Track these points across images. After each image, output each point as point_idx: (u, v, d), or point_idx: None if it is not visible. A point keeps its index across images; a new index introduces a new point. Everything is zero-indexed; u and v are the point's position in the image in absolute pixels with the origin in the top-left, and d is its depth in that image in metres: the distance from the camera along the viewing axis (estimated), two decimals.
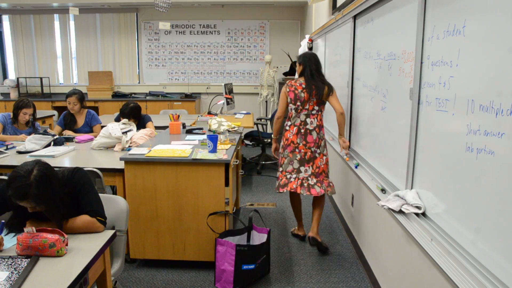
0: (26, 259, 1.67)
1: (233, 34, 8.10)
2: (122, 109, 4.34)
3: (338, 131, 3.48)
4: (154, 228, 3.14)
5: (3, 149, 3.60)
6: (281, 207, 4.65)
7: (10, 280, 1.51)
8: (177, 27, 8.12)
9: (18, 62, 8.60)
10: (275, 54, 7.91)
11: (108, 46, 8.35)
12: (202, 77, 8.27)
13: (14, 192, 1.77)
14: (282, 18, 8.01)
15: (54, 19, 8.40)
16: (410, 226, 2.01)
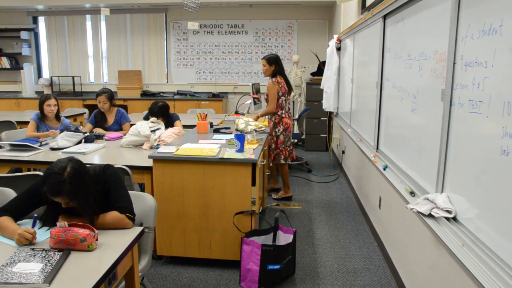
0: (58, 252, 1.72)
1: (260, 34, 8.10)
2: (151, 108, 4.40)
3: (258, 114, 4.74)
4: (181, 225, 3.18)
5: (37, 146, 3.70)
6: (307, 208, 4.62)
7: (44, 272, 1.56)
8: (205, 27, 8.19)
9: (52, 62, 8.85)
10: (303, 54, 7.87)
11: (138, 46, 8.49)
12: (229, 77, 8.31)
13: (49, 188, 1.83)
14: (310, 18, 7.96)
15: (86, 19, 8.60)
16: (440, 231, 1.96)
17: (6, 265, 1.59)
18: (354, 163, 5.12)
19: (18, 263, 1.61)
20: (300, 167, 6.36)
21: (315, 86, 7.08)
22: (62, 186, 1.83)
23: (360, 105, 4.43)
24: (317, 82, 7.02)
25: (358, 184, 4.82)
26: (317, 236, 3.89)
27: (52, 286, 1.50)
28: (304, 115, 6.36)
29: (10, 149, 3.67)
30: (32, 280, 1.50)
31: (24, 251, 1.72)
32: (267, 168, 4.56)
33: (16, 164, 3.51)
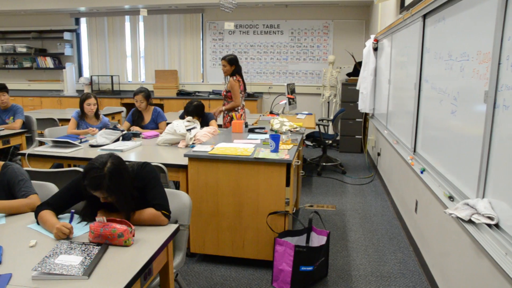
0: (97, 246, 1.77)
1: (296, 34, 8.07)
2: (186, 107, 4.46)
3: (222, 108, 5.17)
4: (214, 224, 3.21)
5: (78, 143, 3.82)
6: (341, 210, 4.57)
7: (84, 265, 1.61)
8: (241, 27, 8.23)
9: (92, 61, 9.13)
10: (339, 54, 7.79)
11: (174, 46, 8.63)
12: (264, 77, 8.32)
13: (89, 182, 1.89)
14: (347, 18, 7.87)
15: (125, 20, 8.82)
16: (481, 238, 1.89)
17: (49, 256, 1.65)
18: (390, 165, 5.02)
19: (60, 255, 1.67)
20: (334, 168, 6.30)
21: (351, 87, 6.99)
22: (101, 181, 1.88)
23: (397, 106, 4.34)
24: (353, 83, 6.93)
25: (394, 187, 4.73)
26: (351, 238, 3.84)
27: (91, 278, 1.55)
28: (339, 116, 6.29)
29: (52, 145, 3.81)
30: (72, 272, 1.55)
31: (65, 243, 1.78)
32: (301, 169, 4.53)
33: (57, 160, 3.64)
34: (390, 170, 5.06)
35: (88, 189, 1.91)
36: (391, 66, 4.74)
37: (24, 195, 2.25)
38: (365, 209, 4.63)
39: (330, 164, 6.33)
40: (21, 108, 5.15)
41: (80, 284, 1.51)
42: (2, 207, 2.14)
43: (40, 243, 1.83)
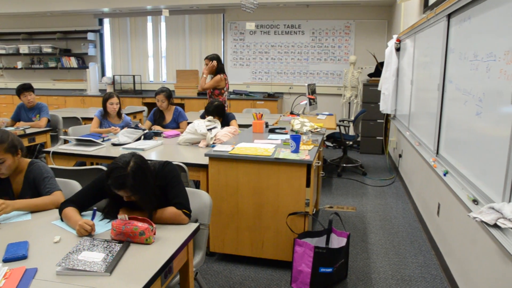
0: (119, 243, 1.79)
1: (317, 34, 8.03)
2: (207, 107, 4.49)
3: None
4: (234, 224, 3.22)
5: (100, 141, 3.88)
6: (361, 212, 4.53)
7: (106, 262, 1.63)
8: (262, 27, 8.23)
9: (115, 61, 9.26)
10: (360, 54, 7.72)
11: (195, 46, 8.68)
12: (285, 77, 8.30)
13: (113, 181, 1.92)
14: (369, 18, 7.79)
15: (147, 20, 8.92)
16: (508, 243, 1.85)
17: (72, 252, 1.68)
18: (412, 167, 4.95)
19: (82, 252, 1.69)
20: (355, 169, 6.25)
21: (372, 88, 6.92)
22: (125, 180, 1.91)
23: (420, 107, 4.28)
24: (374, 83, 6.86)
25: (416, 189, 4.66)
26: (371, 240, 3.80)
27: (113, 275, 1.57)
28: (360, 117, 6.24)
29: (75, 143, 3.88)
30: (95, 269, 1.58)
31: (88, 240, 1.80)
32: (321, 170, 4.51)
33: (80, 158, 3.70)
34: (411, 172, 4.99)
35: (112, 188, 1.94)
36: (414, 66, 4.67)
37: (48, 191, 2.30)
38: (386, 211, 4.58)
39: (350, 165, 6.28)
40: (46, 106, 5.26)
41: (102, 280, 1.54)
42: (27, 205, 2.19)
43: (64, 239, 1.87)
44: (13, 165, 2.29)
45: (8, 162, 2.24)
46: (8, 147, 2.24)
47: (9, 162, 2.25)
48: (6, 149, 2.23)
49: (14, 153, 2.28)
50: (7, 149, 2.23)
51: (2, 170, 2.25)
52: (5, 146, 2.22)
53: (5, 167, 2.24)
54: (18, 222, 2.09)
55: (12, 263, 1.65)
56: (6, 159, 2.23)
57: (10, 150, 2.25)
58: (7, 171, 2.27)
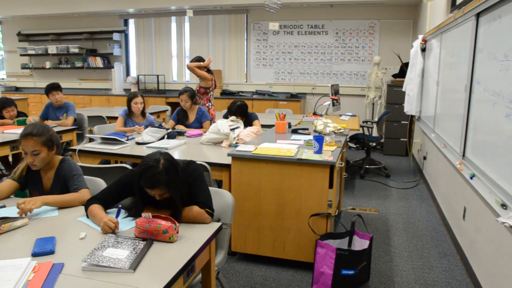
0: (142, 241, 1.81)
1: (341, 34, 7.97)
2: (230, 107, 4.51)
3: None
4: (256, 224, 3.22)
5: (125, 140, 3.94)
6: (384, 214, 4.47)
7: (130, 259, 1.66)
8: (285, 27, 8.21)
9: (139, 61, 9.39)
10: (384, 55, 7.62)
11: (219, 46, 8.73)
12: (308, 78, 8.27)
13: (146, 181, 1.96)
14: (393, 18, 7.68)
15: (172, 21, 9.01)
16: None
17: (97, 249, 1.71)
18: (437, 170, 4.86)
19: (107, 248, 1.72)
20: (378, 171, 6.18)
21: (397, 89, 6.83)
22: (159, 178, 1.95)
23: (446, 109, 4.20)
24: (398, 84, 6.76)
25: (440, 192, 4.57)
26: (394, 243, 3.75)
27: (137, 272, 1.59)
28: (384, 118, 6.16)
29: (101, 142, 3.94)
30: (119, 265, 1.60)
31: (112, 237, 1.83)
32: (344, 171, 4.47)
33: (105, 156, 3.77)
34: (436, 174, 4.90)
35: (145, 187, 1.98)
36: (440, 67, 4.59)
37: (76, 189, 2.35)
38: (409, 214, 4.51)
39: (373, 167, 6.21)
40: (73, 105, 5.37)
41: (126, 277, 1.56)
42: (56, 200, 2.25)
43: (89, 236, 1.90)
44: (47, 159, 2.37)
45: (42, 155, 2.32)
46: (46, 141, 2.32)
47: (43, 155, 2.33)
48: (44, 142, 2.31)
49: (50, 147, 2.36)
50: (44, 142, 2.31)
51: (36, 161, 2.32)
52: (43, 139, 2.30)
53: (39, 159, 2.32)
54: (46, 217, 2.14)
55: (41, 258, 1.69)
56: (41, 151, 2.31)
57: (47, 144, 2.33)
58: (40, 164, 2.34)
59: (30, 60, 10.20)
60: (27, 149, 2.30)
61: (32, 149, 2.29)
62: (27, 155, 2.32)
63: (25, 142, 2.29)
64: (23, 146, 2.32)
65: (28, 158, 2.32)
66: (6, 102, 5.03)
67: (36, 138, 2.28)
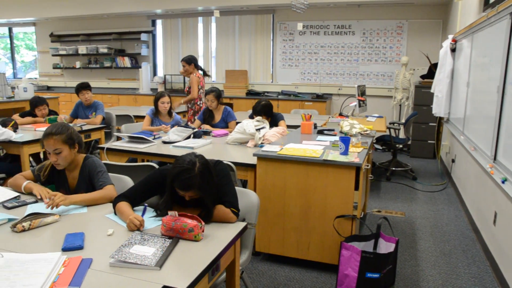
0: (168, 239, 1.83)
1: (368, 34, 7.87)
2: (255, 107, 4.51)
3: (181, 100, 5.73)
4: (280, 224, 3.21)
5: (151, 139, 4.00)
6: (410, 217, 4.39)
7: (156, 256, 1.68)
8: (312, 27, 8.17)
9: (166, 61, 9.51)
10: (412, 55, 7.49)
11: (245, 46, 8.75)
12: (334, 78, 8.20)
13: (181, 183, 1.99)
14: (422, 18, 7.54)
15: (198, 21, 9.08)
16: None
17: (124, 245, 1.74)
18: (466, 173, 4.75)
19: (134, 245, 1.75)
20: (405, 173, 6.08)
21: (425, 90, 6.70)
22: (194, 181, 1.97)
23: (476, 110, 4.09)
24: (427, 85, 6.63)
25: (469, 196, 4.46)
26: (420, 247, 3.68)
27: (163, 270, 1.60)
28: (412, 120, 6.06)
29: (128, 140, 4.01)
30: (145, 262, 1.62)
31: (139, 235, 1.86)
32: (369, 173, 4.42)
33: (132, 154, 3.82)
34: (465, 178, 4.78)
35: (179, 189, 2.01)
36: (471, 68, 4.48)
37: (101, 185, 2.40)
38: (437, 217, 4.42)
39: (400, 169, 6.12)
40: (102, 104, 5.48)
41: (152, 274, 1.58)
42: (83, 199, 2.30)
43: (117, 232, 1.94)
44: (69, 157, 2.41)
45: (64, 153, 2.37)
46: (66, 139, 2.37)
47: (65, 153, 2.38)
48: (64, 140, 2.36)
49: (71, 145, 2.40)
50: (65, 140, 2.36)
51: (59, 160, 2.37)
52: (63, 137, 2.35)
53: (61, 158, 2.37)
54: (75, 214, 2.19)
55: (70, 253, 1.73)
56: (63, 150, 2.36)
57: (67, 142, 2.37)
58: (63, 162, 2.40)
59: (61, 60, 10.47)
60: (49, 148, 2.35)
61: (53, 148, 2.34)
62: (50, 155, 2.38)
63: (46, 142, 2.35)
64: (45, 146, 2.38)
65: (51, 157, 2.38)
66: (38, 101, 5.17)
67: (56, 137, 2.33)
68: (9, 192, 2.41)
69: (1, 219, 2.03)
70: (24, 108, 6.85)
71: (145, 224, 1.99)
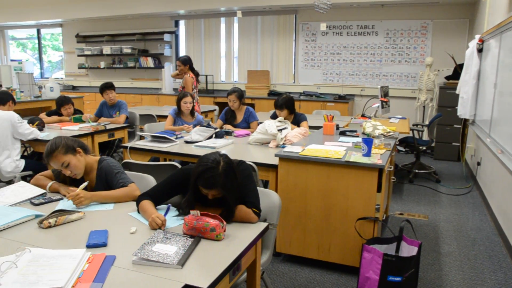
0: (190, 238, 1.85)
1: (391, 35, 7.77)
2: (276, 101, 4.53)
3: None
4: (301, 225, 3.20)
5: (174, 138, 4.03)
6: (434, 221, 4.32)
7: (178, 255, 1.69)
8: (334, 28, 8.11)
9: None
10: (437, 56, 7.36)
11: (267, 47, 8.75)
12: (356, 79, 8.12)
13: (205, 181, 2.00)
14: (448, 17, 7.40)
15: (221, 22, 9.12)
16: None
17: (147, 243, 1.76)
18: (492, 176, 4.64)
19: (156, 244, 1.77)
20: (428, 176, 5.98)
21: (450, 91, 6.58)
22: (218, 180, 1.99)
23: (504, 112, 4.00)
24: (451, 86, 6.51)
25: (496, 200, 4.36)
26: (444, 252, 3.61)
27: (184, 268, 1.62)
28: (436, 122, 5.95)
29: (151, 140, 4.06)
30: (167, 261, 1.64)
31: (161, 233, 1.88)
32: (392, 175, 4.36)
33: (155, 153, 3.87)
34: (491, 181, 4.68)
35: (202, 187, 2.02)
36: (498, 68, 4.38)
37: (122, 185, 2.42)
38: (461, 221, 4.33)
39: (423, 172, 6.02)
40: (126, 104, 5.56)
41: (174, 272, 1.59)
42: (104, 197, 2.34)
43: (140, 231, 1.96)
44: (79, 163, 2.43)
45: (72, 162, 2.39)
46: (65, 150, 2.38)
47: (74, 162, 2.40)
48: (64, 152, 2.37)
49: (73, 152, 2.41)
50: (64, 151, 2.37)
51: (72, 171, 2.41)
52: (62, 150, 2.36)
53: (72, 168, 2.40)
54: (99, 211, 2.23)
55: (94, 249, 1.76)
56: (69, 160, 2.38)
57: (68, 151, 2.38)
58: (77, 171, 2.43)
59: (86, 60, 10.67)
60: (57, 165, 2.38)
61: (60, 163, 2.37)
62: (63, 171, 2.41)
63: (52, 162, 2.38)
64: (53, 165, 2.41)
65: (65, 172, 2.41)
66: (64, 100, 5.29)
67: (56, 153, 2.35)
68: (36, 189, 2.47)
69: (28, 215, 2.08)
70: (51, 107, 7.01)
71: (167, 223, 2.01)
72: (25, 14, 10.25)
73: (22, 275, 1.51)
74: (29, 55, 12.71)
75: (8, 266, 1.55)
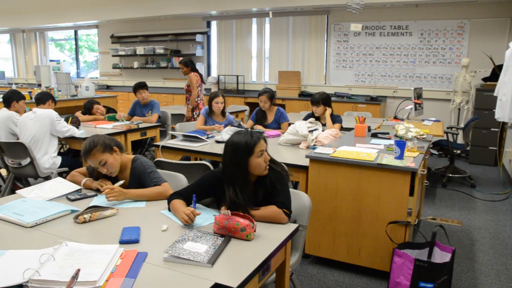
0: (221, 237, 1.86)
1: (426, 35, 7.60)
2: (312, 97, 4.58)
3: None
4: (331, 227, 3.17)
5: (205, 138, 4.07)
6: (468, 227, 4.20)
7: (208, 253, 1.70)
8: (367, 28, 8.00)
9: (220, 61, 9.66)
10: (474, 57, 7.14)
11: (298, 47, 8.72)
12: (389, 80, 7.98)
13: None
14: (486, 17, 7.17)
15: (252, 22, 9.15)
16: None
17: (178, 241, 1.79)
18: None
19: (187, 242, 1.79)
20: (462, 181, 5.82)
21: (487, 93, 6.38)
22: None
23: None
24: (489, 88, 6.31)
25: None
26: (479, 259, 3.50)
27: (214, 267, 1.63)
28: (472, 125, 5.79)
29: (182, 139, 4.11)
30: (198, 259, 1.65)
31: (192, 232, 1.90)
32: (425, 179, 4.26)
33: (186, 152, 3.92)
34: None
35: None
36: None
37: (156, 184, 2.46)
38: (498, 229, 4.19)
39: (457, 176, 5.86)
40: (158, 103, 5.65)
41: (204, 271, 1.60)
42: (139, 195, 2.38)
43: (171, 229, 1.99)
44: (116, 162, 2.49)
45: (109, 160, 2.45)
46: (103, 148, 2.44)
47: (111, 160, 2.46)
48: (102, 150, 2.43)
49: (110, 151, 2.47)
50: (102, 150, 2.43)
51: (109, 169, 2.47)
52: (99, 149, 2.42)
53: (109, 166, 2.46)
54: (132, 208, 2.27)
55: (127, 246, 1.80)
56: (107, 158, 2.44)
57: (105, 149, 2.44)
58: (113, 169, 2.48)
59: (120, 61, 10.91)
60: (95, 164, 2.45)
61: (98, 161, 2.43)
62: (99, 169, 2.47)
63: (90, 160, 2.45)
64: (91, 164, 2.48)
65: (101, 170, 2.47)
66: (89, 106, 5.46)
67: (93, 152, 2.41)
68: (72, 185, 2.54)
69: (65, 210, 2.15)
70: None
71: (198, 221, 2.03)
72: (63, 16, 10.59)
73: (60, 268, 1.56)
74: (66, 55, 13.12)
75: (46, 258, 1.61)
